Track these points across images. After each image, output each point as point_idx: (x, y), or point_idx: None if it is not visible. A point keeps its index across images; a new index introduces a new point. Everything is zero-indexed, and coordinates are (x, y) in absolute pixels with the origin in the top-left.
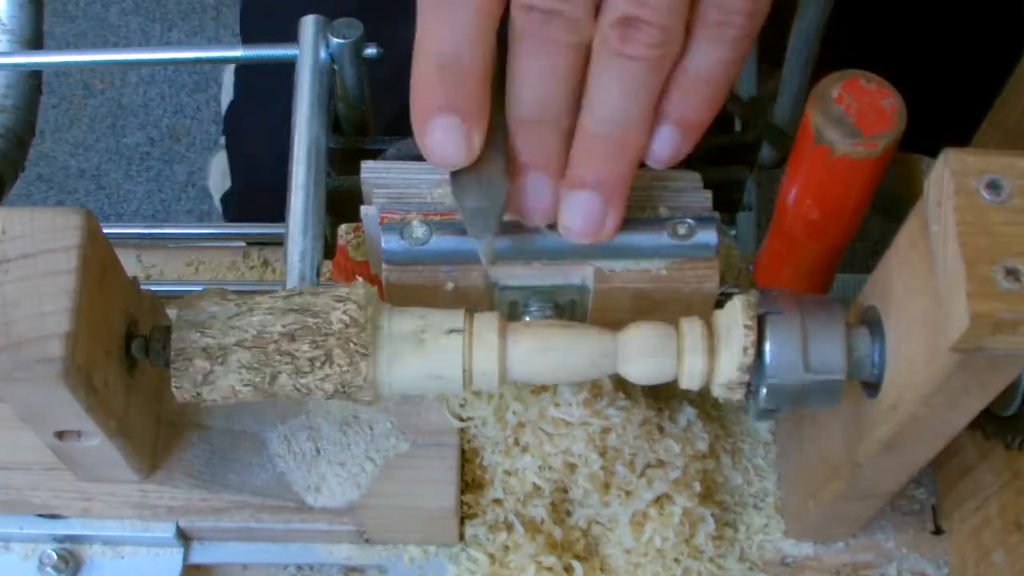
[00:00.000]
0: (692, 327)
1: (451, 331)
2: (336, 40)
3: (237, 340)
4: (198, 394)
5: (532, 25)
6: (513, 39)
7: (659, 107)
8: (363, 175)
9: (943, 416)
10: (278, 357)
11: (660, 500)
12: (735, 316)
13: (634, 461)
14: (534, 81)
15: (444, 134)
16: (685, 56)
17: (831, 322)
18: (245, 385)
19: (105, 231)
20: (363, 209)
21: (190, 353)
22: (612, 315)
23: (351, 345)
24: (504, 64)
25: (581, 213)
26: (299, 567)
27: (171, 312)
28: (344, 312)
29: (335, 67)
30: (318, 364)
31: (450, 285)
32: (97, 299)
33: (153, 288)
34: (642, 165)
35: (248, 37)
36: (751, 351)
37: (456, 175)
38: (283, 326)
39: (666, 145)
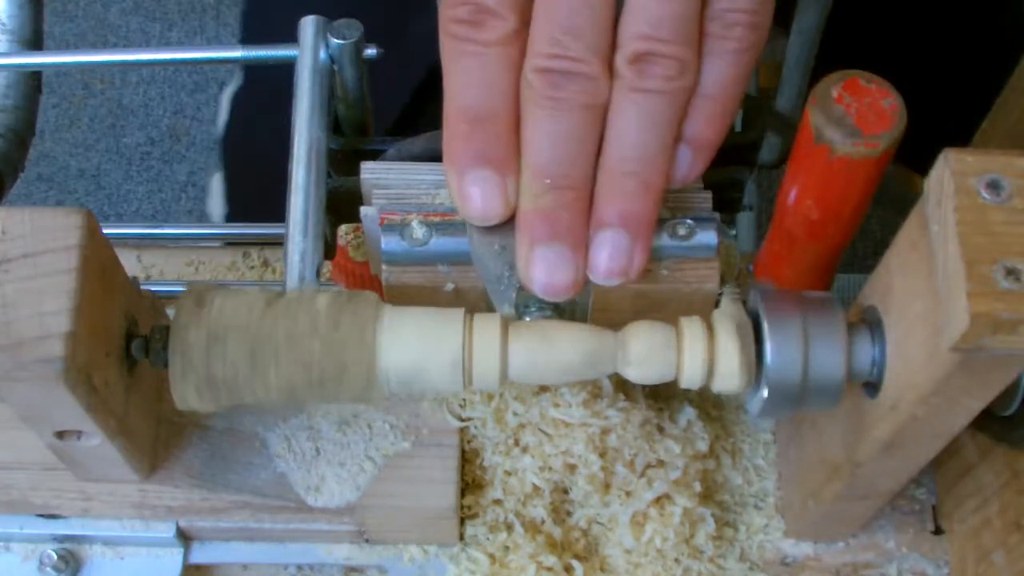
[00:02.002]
0: (692, 327)
1: (451, 332)
2: (336, 41)
3: (235, 344)
4: (198, 397)
5: (548, 88)
6: (526, 105)
7: None
8: (363, 176)
9: (943, 416)
10: (278, 362)
11: (660, 500)
12: (735, 316)
13: (634, 461)
14: (551, 146)
15: (482, 187)
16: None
17: (831, 322)
18: (244, 390)
19: (105, 231)
20: (363, 210)
21: (189, 356)
22: (612, 315)
23: (351, 348)
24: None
25: (607, 253)
26: (299, 567)
27: (171, 312)
28: (345, 315)
29: (335, 68)
30: (318, 373)
31: (450, 285)
32: (97, 299)
33: (153, 288)
34: None
35: (249, 39)
36: (751, 351)
37: (478, 241)
38: (283, 330)
39: (682, 165)
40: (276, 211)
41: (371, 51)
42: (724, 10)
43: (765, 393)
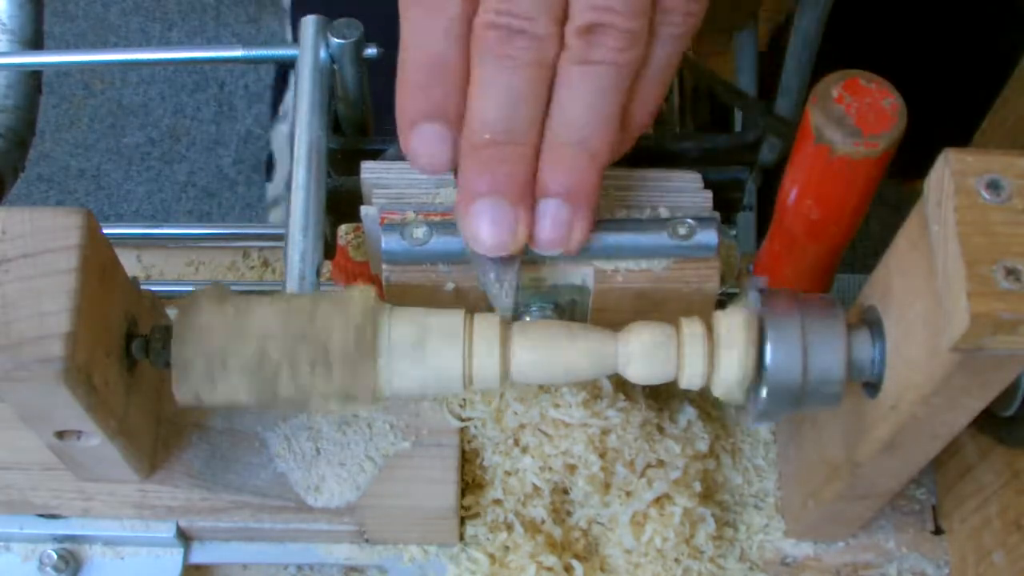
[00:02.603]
0: (692, 327)
1: (451, 332)
2: (336, 40)
3: (237, 344)
4: (198, 397)
5: (496, 44)
6: (474, 59)
7: None
8: (363, 175)
9: (943, 416)
10: (278, 361)
11: (660, 500)
12: (735, 316)
13: (634, 462)
14: (497, 101)
15: (429, 140)
16: None
17: (831, 322)
18: (245, 389)
19: (105, 231)
20: (363, 209)
21: (190, 357)
22: (612, 315)
23: (351, 348)
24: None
25: (549, 222)
26: (299, 567)
27: (171, 312)
28: (344, 315)
29: (335, 67)
30: (318, 368)
31: (450, 285)
32: (97, 299)
33: (153, 288)
34: (634, 165)
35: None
36: (751, 351)
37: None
38: (284, 330)
39: None
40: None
41: (371, 51)
42: None
43: (765, 393)
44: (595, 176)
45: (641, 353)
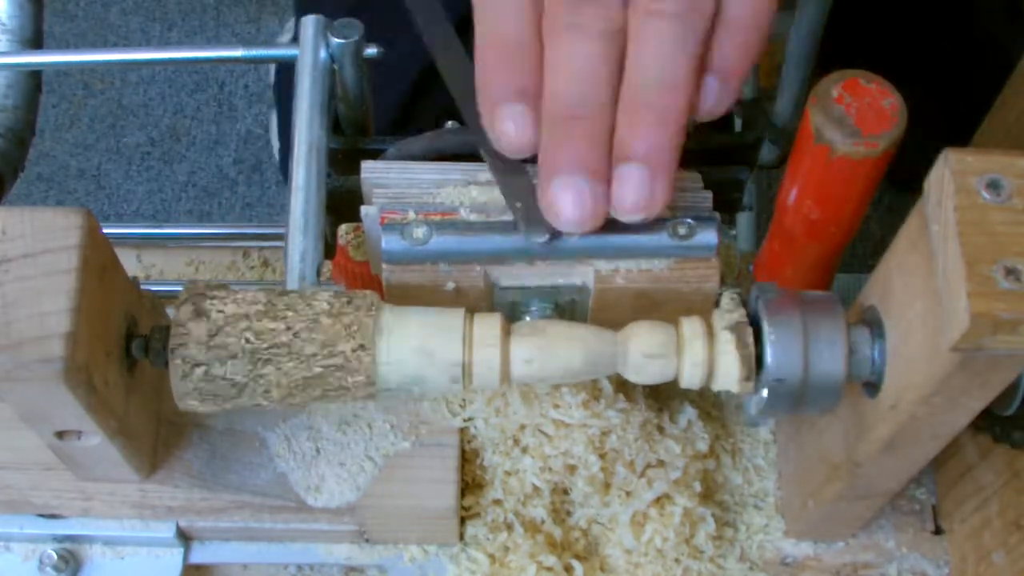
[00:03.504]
0: (692, 327)
1: (451, 331)
2: (336, 40)
3: (237, 344)
4: (198, 397)
5: (565, 16)
6: (546, 33)
7: None
8: (363, 175)
9: (943, 416)
10: (279, 361)
11: (660, 500)
12: (735, 316)
13: (634, 462)
14: (571, 75)
15: (516, 121)
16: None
17: (831, 322)
18: (244, 389)
19: (105, 231)
20: (363, 209)
21: (189, 358)
22: (612, 315)
23: (352, 347)
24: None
25: (630, 187)
26: (299, 567)
27: (171, 312)
28: (344, 314)
29: (335, 67)
30: (318, 372)
31: (450, 285)
32: (97, 299)
33: (153, 288)
34: None
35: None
36: (751, 351)
37: (505, 173)
38: (284, 330)
39: (709, 95)
40: None
41: (371, 50)
42: None
43: (765, 393)
44: (672, 136)
45: (641, 353)
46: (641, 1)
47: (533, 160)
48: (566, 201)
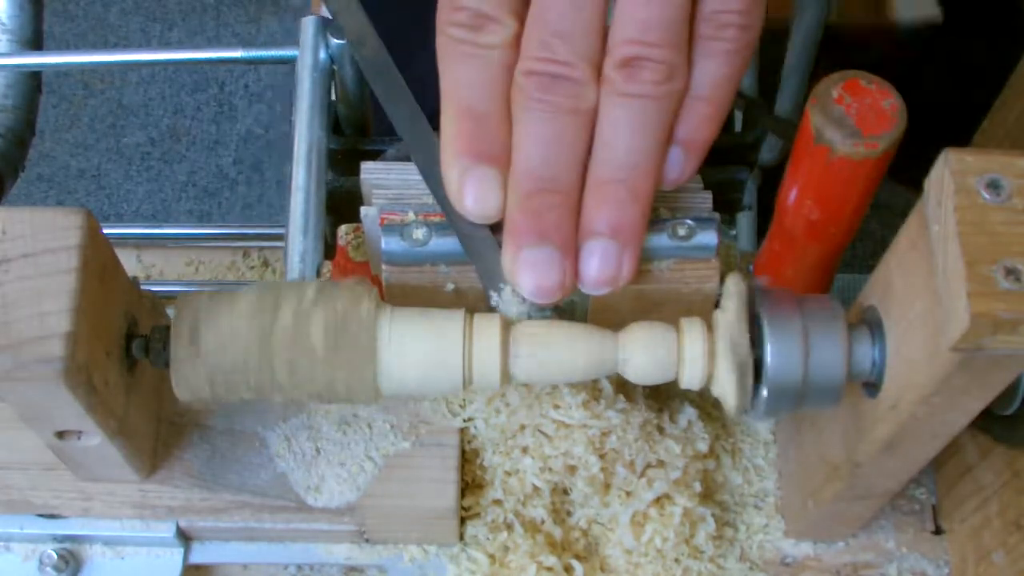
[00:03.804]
0: (692, 327)
1: (451, 332)
2: (336, 40)
3: (236, 341)
4: (199, 393)
5: (535, 91)
6: (516, 108)
7: None
8: (363, 176)
9: (943, 416)
10: (279, 360)
11: (660, 500)
12: (735, 316)
13: (634, 462)
14: (539, 150)
15: (482, 185)
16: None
17: (831, 322)
18: (244, 388)
19: (105, 231)
20: (363, 210)
21: (189, 354)
22: (612, 315)
23: (352, 346)
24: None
25: (596, 262)
26: (299, 567)
27: (171, 312)
28: (345, 315)
29: (335, 67)
30: (318, 368)
31: (450, 286)
32: (97, 299)
33: (153, 288)
34: None
35: None
36: (751, 351)
37: (468, 236)
38: (284, 328)
39: (674, 167)
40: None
41: None
42: (715, 11)
43: (765, 393)
44: (640, 212)
45: (641, 353)
46: (615, 82)
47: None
48: (533, 273)
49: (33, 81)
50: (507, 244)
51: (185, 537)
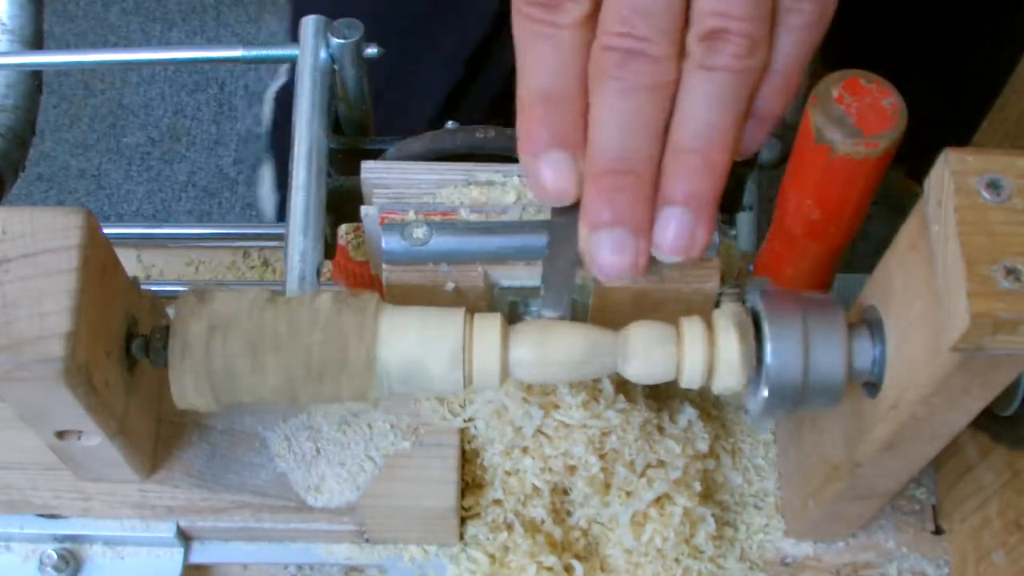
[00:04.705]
0: (692, 327)
1: (451, 331)
2: (336, 40)
3: (236, 345)
4: (197, 393)
5: (613, 68)
6: (593, 84)
7: None
8: (363, 175)
9: (943, 416)
10: (275, 362)
11: (660, 500)
12: (735, 316)
13: (634, 462)
14: (615, 127)
15: (555, 168)
16: None
17: (831, 322)
18: (243, 391)
19: (105, 231)
20: (363, 209)
21: (188, 353)
22: (612, 315)
23: (351, 348)
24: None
25: (672, 231)
26: (299, 567)
27: (171, 312)
28: (344, 315)
29: (335, 67)
30: (317, 368)
31: (450, 285)
32: (97, 299)
33: (153, 288)
34: None
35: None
36: (752, 351)
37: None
38: (283, 330)
39: (746, 138)
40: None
41: (372, 50)
42: None
43: (765, 393)
44: (716, 182)
45: (641, 353)
46: (697, 55)
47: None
48: (605, 253)
49: (33, 81)
50: (582, 225)
51: (185, 537)
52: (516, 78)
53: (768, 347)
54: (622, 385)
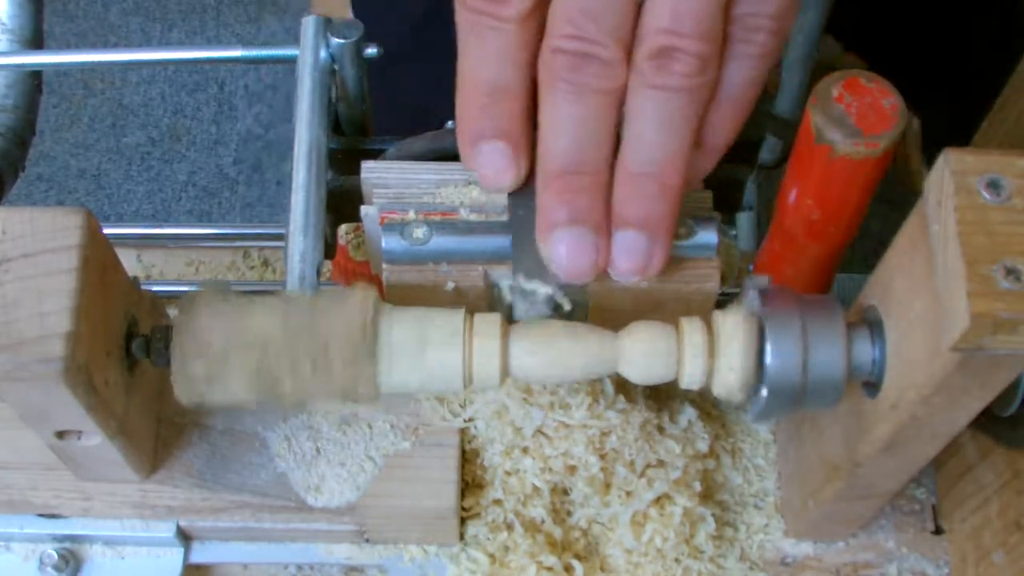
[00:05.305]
0: (692, 327)
1: (451, 331)
2: (336, 40)
3: (238, 343)
4: (200, 396)
5: (564, 71)
6: (543, 86)
7: None
8: (363, 175)
9: (943, 416)
10: (279, 361)
11: (660, 500)
12: (735, 316)
13: (634, 462)
14: (568, 130)
15: (493, 157)
16: None
17: (831, 322)
18: (245, 389)
19: (105, 231)
20: (363, 209)
21: (191, 356)
22: (612, 315)
23: (352, 347)
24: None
25: (627, 253)
26: (299, 567)
27: (171, 311)
28: (345, 314)
29: (335, 67)
30: (319, 367)
31: (450, 285)
32: (97, 299)
33: (153, 288)
34: None
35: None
36: (752, 351)
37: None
38: (284, 330)
39: (692, 165)
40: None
41: (372, 50)
42: (747, 14)
43: (765, 393)
44: (670, 204)
45: (641, 353)
46: (645, 73)
47: None
48: (562, 251)
49: (33, 81)
50: (539, 225)
51: (185, 537)
52: (456, 67)
53: (768, 348)
54: (622, 385)
